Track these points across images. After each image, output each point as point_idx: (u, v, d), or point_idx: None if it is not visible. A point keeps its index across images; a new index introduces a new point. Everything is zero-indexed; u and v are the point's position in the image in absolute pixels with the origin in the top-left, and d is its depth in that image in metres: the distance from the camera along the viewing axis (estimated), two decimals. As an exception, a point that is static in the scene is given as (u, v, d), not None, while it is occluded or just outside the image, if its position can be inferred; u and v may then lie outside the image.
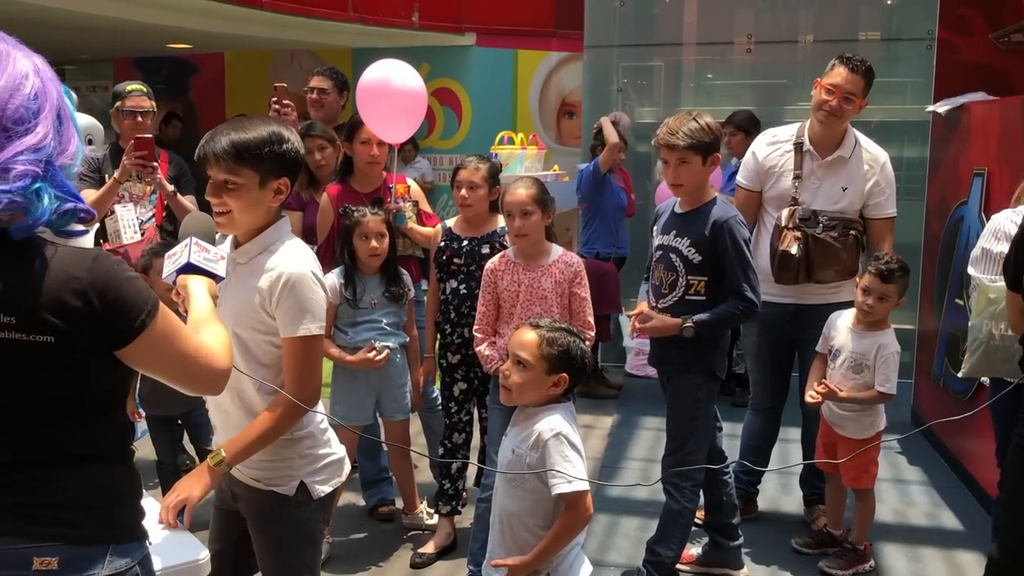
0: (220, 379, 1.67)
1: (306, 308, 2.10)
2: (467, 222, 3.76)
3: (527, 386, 2.41)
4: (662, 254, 3.27)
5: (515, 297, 3.41)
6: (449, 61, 10.10)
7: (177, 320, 1.58)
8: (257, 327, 2.14)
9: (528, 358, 2.40)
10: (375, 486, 4.14)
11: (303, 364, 2.13)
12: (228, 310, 2.15)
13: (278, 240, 2.16)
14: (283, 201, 2.18)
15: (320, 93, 4.72)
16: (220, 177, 2.08)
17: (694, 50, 7.00)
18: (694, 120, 3.14)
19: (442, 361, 3.81)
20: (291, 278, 2.08)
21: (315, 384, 2.17)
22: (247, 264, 2.16)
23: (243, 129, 2.08)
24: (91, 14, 7.69)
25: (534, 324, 2.47)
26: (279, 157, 2.09)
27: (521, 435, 2.43)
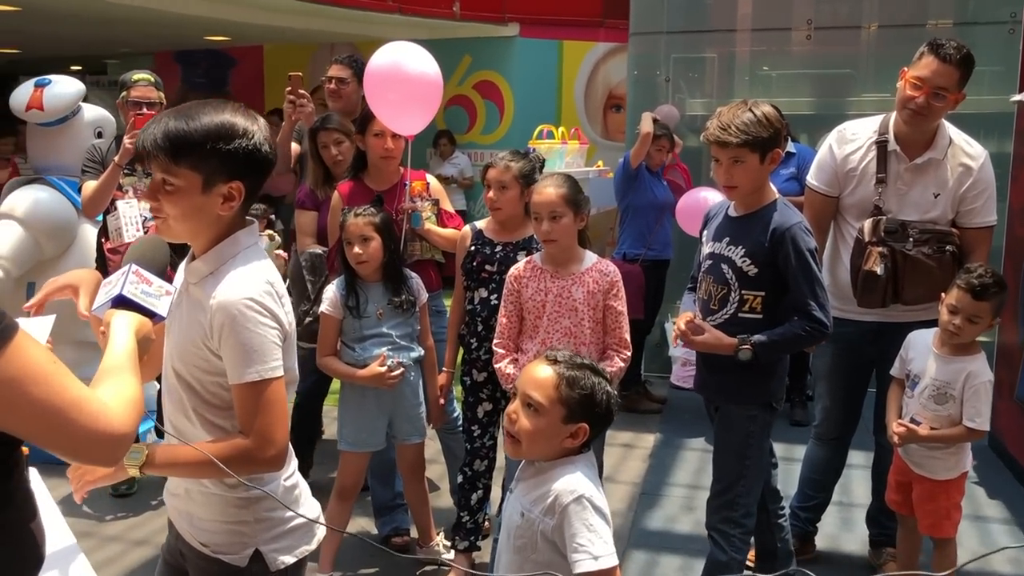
0: (107, 446, 1.29)
1: (251, 346, 1.68)
2: (500, 225, 3.38)
3: (538, 436, 1.95)
4: (712, 264, 2.84)
5: (541, 308, 3.04)
6: (491, 53, 9.75)
7: (46, 362, 1.23)
8: (201, 365, 1.75)
9: (542, 400, 1.94)
10: (388, 513, 3.76)
11: (258, 414, 1.70)
12: (174, 342, 1.79)
13: (231, 257, 1.75)
14: (238, 209, 1.75)
15: (338, 83, 4.36)
16: (158, 176, 1.68)
17: (748, 37, 6.50)
18: (750, 111, 2.69)
19: (465, 379, 3.43)
20: (231, 312, 1.68)
21: (277, 438, 1.72)
22: (197, 286, 1.76)
23: (186, 117, 1.67)
24: (127, 5, 7.54)
25: (551, 358, 2.00)
26: (229, 155, 1.68)
27: (532, 495, 1.98)
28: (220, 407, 1.77)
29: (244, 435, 1.71)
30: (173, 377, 1.80)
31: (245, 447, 1.70)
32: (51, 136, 4.65)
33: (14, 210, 4.44)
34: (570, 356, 2.01)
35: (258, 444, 1.70)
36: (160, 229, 1.75)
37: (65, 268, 4.55)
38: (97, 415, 1.27)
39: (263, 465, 1.72)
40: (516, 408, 1.97)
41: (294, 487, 1.88)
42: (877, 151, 3.20)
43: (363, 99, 4.49)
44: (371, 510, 3.83)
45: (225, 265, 1.74)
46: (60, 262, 4.56)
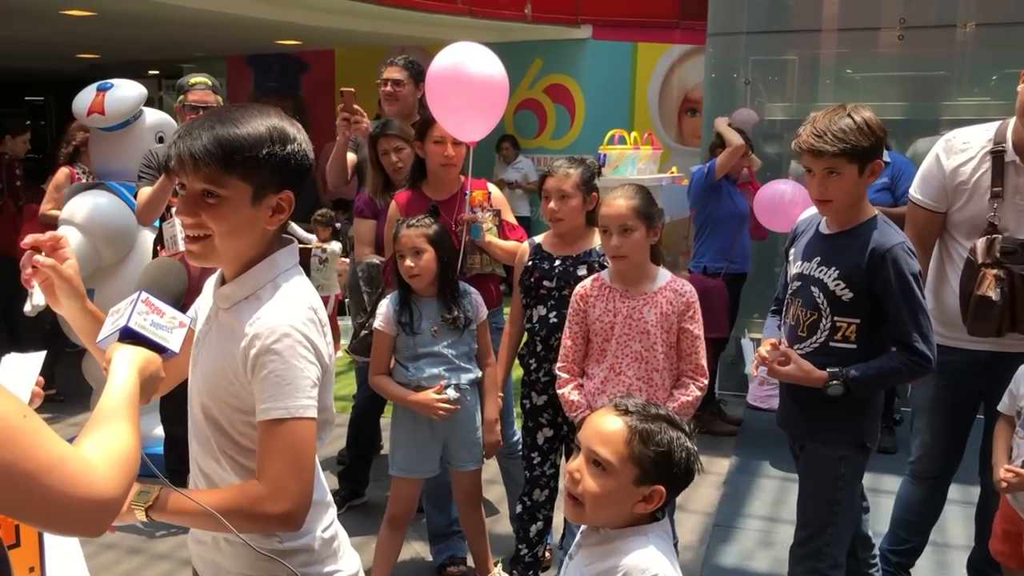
0: (89, 513, 1.10)
1: (283, 379, 1.49)
2: (559, 238, 3.16)
3: (606, 499, 1.65)
4: (801, 286, 2.56)
5: (609, 330, 2.82)
6: (563, 56, 9.54)
7: (10, 415, 1.04)
8: (231, 402, 1.56)
9: (610, 458, 1.64)
10: (444, 541, 3.57)
11: (278, 459, 1.48)
12: (201, 374, 1.61)
13: (271, 281, 1.56)
14: (284, 223, 1.58)
15: (394, 85, 4.19)
16: (197, 187, 1.49)
17: (834, 38, 6.15)
18: (849, 116, 2.41)
19: (524, 402, 3.22)
20: (269, 339, 1.49)
21: (298, 492, 1.50)
22: (230, 312, 1.58)
23: (233, 122, 1.48)
24: (199, 9, 7.59)
25: (620, 407, 1.70)
26: (282, 162, 1.51)
27: (595, 567, 1.69)
28: (252, 449, 1.57)
29: (259, 480, 1.51)
30: (200, 415, 1.62)
31: (255, 495, 1.49)
32: (112, 141, 4.60)
33: (74, 216, 4.39)
34: (643, 405, 1.73)
35: (271, 493, 1.48)
36: (196, 252, 1.54)
37: (124, 274, 4.49)
38: (76, 477, 1.08)
39: (273, 522, 1.50)
40: (580, 466, 1.68)
41: (332, 539, 1.68)
42: (992, 162, 2.86)
43: (420, 103, 4.35)
44: (426, 535, 3.64)
45: (262, 289, 1.55)
46: (119, 269, 4.50)
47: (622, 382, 2.81)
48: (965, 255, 2.89)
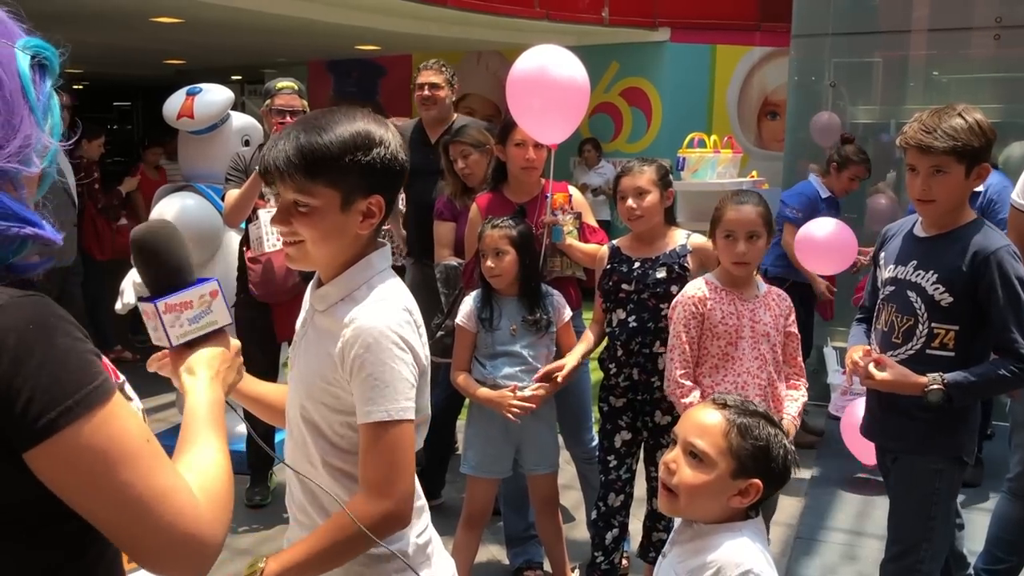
0: (194, 555, 1.04)
1: (383, 381, 1.49)
2: (638, 240, 3.14)
3: (702, 491, 1.65)
4: (895, 291, 2.48)
5: (735, 333, 2.79)
6: (640, 59, 9.47)
7: (137, 437, 1.02)
8: (329, 403, 1.57)
9: (708, 450, 1.65)
10: (521, 544, 3.56)
11: (383, 461, 1.50)
12: (299, 376, 1.62)
13: (365, 282, 1.57)
14: (377, 226, 1.58)
15: (431, 88, 4.20)
16: (288, 197, 1.51)
17: (923, 38, 5.95)
18: (960, 116, 2.34)
19: (602, 405, 3.19)
20: (366, 340, 1.49)
21: (401, 492, 1.51)
22: (326, 313, 1.58)
23: (317, 130, 1.49)
24: (280, 15, 7.75)
25: (719, 402, 1.72)
26: (368, 167, 1.51)
27: (689, 563, 1.68)
28: (350, 451, 1.58)
29: (361, 487, 1.52)
30: (298, 417, 1.62)
31: (362, 510, 1.49)
32: (201, 144, 4.71)
33: (162, 216, 4.50)
34: (741, 401, 1.73)
35: (374, 496, 1.50)
36: (293, 256, 1.57)
37: (211, 274, 4.59)
38: (186, 513, 1.04)
39: (381, 525, 1.50)
40: (676, 457, 1.69)
41: (426, 544, 1.67)
42: None
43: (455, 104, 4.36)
44: (503, 538, 3.63)
45: (358, 290, 1.56)
46: (206, 270, 4.60)
47: (757, 384, 2.77)
48: None
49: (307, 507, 1.64)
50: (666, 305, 3.03)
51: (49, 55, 1.04)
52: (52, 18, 7.28)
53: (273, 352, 4.21)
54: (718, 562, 1.62)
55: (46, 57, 1.04)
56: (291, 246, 1.56)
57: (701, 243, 3.14)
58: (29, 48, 1.02)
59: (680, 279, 3.05)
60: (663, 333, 3.02)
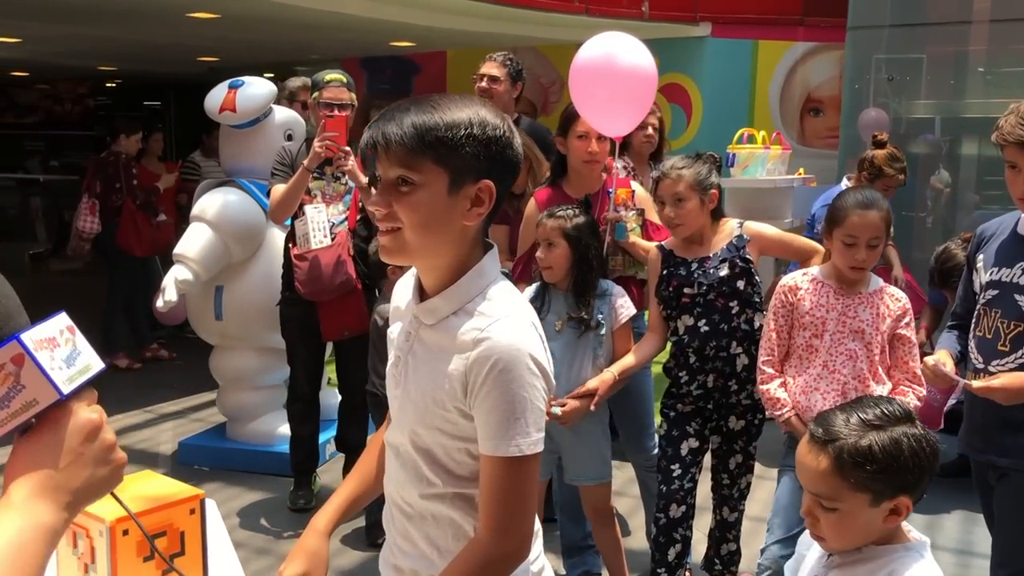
0: None
1: (517, 411, 1.35)
2: (688, 240, 2.97)
3: (848, 532, 1.53)
4: (998, 295, 2.33)
5: (820, 325, 2.67)
6: (680, 54, 9.28)
7: None
8: (446, 429, 1.43)
9: (832, 495, 1.51)
10: (579, 554, 3.42)
11: (507, 498, 1.38)
12: (408, 398, 1.47)
13: (479, 293, 1.42)
14: (483, 220, 1.44)
15: (490, 81, 4.05)
16: (391, 174, 1.37)
17: (985, 30, 5.75)
18: None
19: (668, 412, 3.03)
20: (498, 363, 1.35)
21: (525, 528, 1.42)
22: (435, 328, 1.44)
23: (431, 106, 1.37)
24: (316, 9, 7.66)
25: (818, 440, 1.54)
26: (482, 148, 1.37)
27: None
28: (469, 479, 1.44)
29: (484, 523, 1.40)
30: (408, 444, 1.48)
31: (484, 555, 1.38)
32: (243, 138, 4.61)
33: (204, 213, 4.41)
34: (846, 419, 1.54)
35: (498, 534, 1.38)
36: (388, 248, 1.42)
37: (253, 272, 4.50)
38: None
39: (511, 562, 1.41)
40: (810, 508, 1.56)
41: (540, 571, 1.54)
42: None
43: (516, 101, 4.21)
44: (559, 547, 3.49)
45: (473, 302, 1.41)
46: (248, 266, 4.50)
47: (837, 380, 2.66)
48: None
49: (411, 534, 1.51)
50: (735, 303, 2.89)
51: None
52: (86, 13, 7.25)
53: (318, 350, 4.11)
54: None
55: None
56: (387, 234, 1.40)
57: (756, 229, 2.99)
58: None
59: (745, 272, 2.90)
60: (738, 332, 2.88)
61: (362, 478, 1.67)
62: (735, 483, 3.04)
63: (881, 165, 4.45)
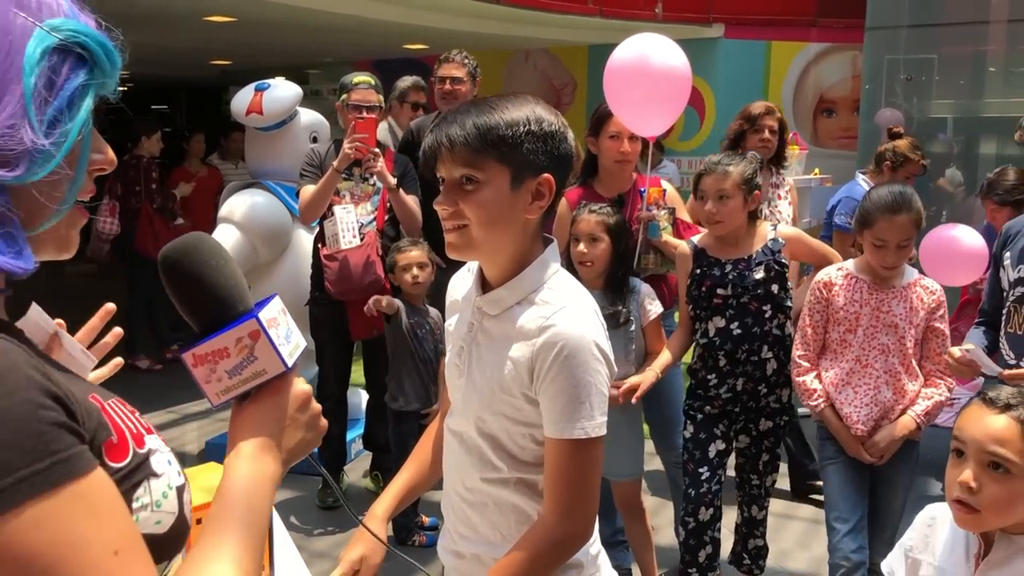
0: None
1: (582, 395, 1.41)
2: (723, 240, 2.97)
3: (1016, 502, 1.54)
4: None
5: (854, 320, 2.71)
6: (693, 55, 9.10)
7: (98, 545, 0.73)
8: (511, 415, 1.48)
9: (1014, 457, 1.53)
10: (610, 550, 3.39)
11: (573, 480, 1.43)
12: (474, 387, 1.52)
13: (541, 284, 1.48)
14: (545, 213, 1.49)
15: (453, 83, 4.09)
16: (456, 174, 1.43)
17: (1003, 30, 5.78)
18: None
19: (695, 414, 3.05)
20: (564, 350, 1.40)
21: (590, 510, 1.47)
22: (499, 319, 1.49)
23: (490, 108, 1.44)
24: (332, 12, 7.71)
25: (996, 404, 1.58)
26: (540, 143, 1.43)
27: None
28: (534, 464, 1.50)
29: (549, 506, 1.44)
30: (473, 430, 1.53)
31: (551, 536, 1.43)
32: (269, 140, 4.66)
33: (232, 214, 4.46)
34: (1018, 393, 1.59)
35: (564, 516, 1.43)
36: (455, 244, 1.47)
37: (280, 273, 4.54)
38: None
39: (575, 543, 1.45)
40: (975, 474, 1.56)
41: (598, 554, 1.60)
42: None
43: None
44: (588, 544, 3.53)
45: (536, 292, 1.47)
46: (275, 267, 4.55)
47: (869, 375, 2.69)
48: None
49: (472, 520, 1.55)
50: (769, 307, 2.90)
51: (90, 45, 0.83)
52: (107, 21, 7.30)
53: (347, 349, 4.14)
54: None
55: (84, 47, 0.82)
56: (454, 232, 1.46)
57: (790, 233, 3.02)
58: (61, 31, 0.80)
59: (779, 276, 2.92)
60: (769, 337, 2.90)
61: (418, 467, 1.72)
62: (763, 482, 3.07)
63: (906, 152, 4.55)
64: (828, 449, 2.81)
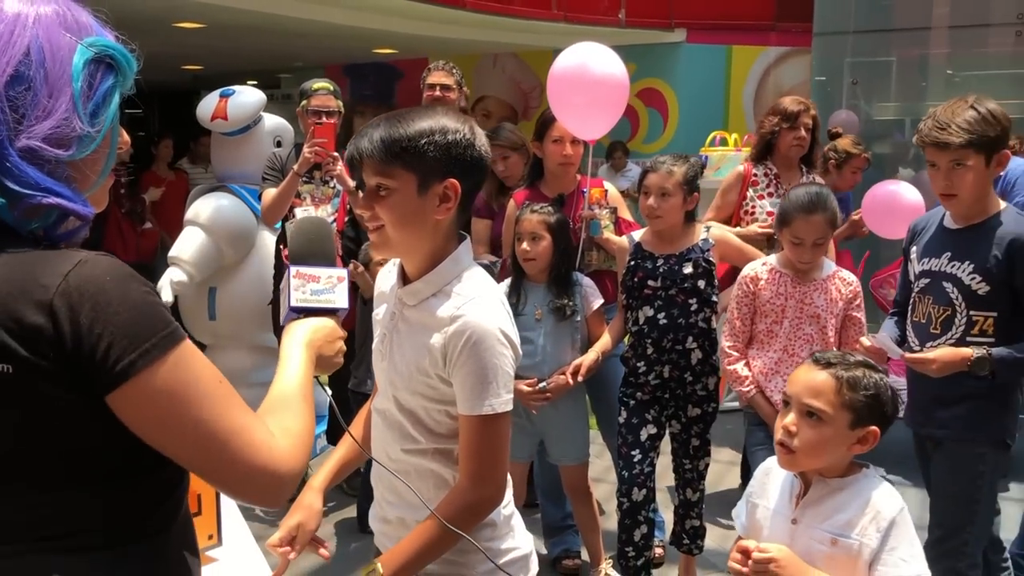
0: (269, 484, 1.13)
1: (489, 376, 1.59)
2: (660, 236, 3.15)
3: (823, 446, 1.78)
4: (929, 283, 2.55)
5: (780, 313, 2.91)
6: (656, 60, 9.52)
7: (210, 379, 1.10)
8: (428, 394, 1.66)
9: (824, 407, 1.78)
10: (559, 534, 3.62)
11: (485, 451, 1.62)
12: (395, 368, 1.70)
13: (455, 277, 1.65)
14: (453, 214, 1.65)
15: (443, 90, 4.27)
16: (371, 182, 1.61)
17: (944, 35, 6.01)
18: (972, 108, 2.40)
19: (627, 400, 3.22)
20: (472, 336, 1.58)
21: (499, 477, 1.66)
22: (417, 308, 1.67)
23: (398, 119, 1.60)
24: (301, 18, 7.82)
25: (821, 361, 1.84)
26: (443, 151, 1.59)
27: (836, 520, 1.78)
28: (448, 436, 1.68)
29: (463, 474, 1.63)
30: (394, 407, 1.71)
31: (465, 500, 1.62)
32: (234, 145, 4.79)
33: (198, 216, 4.57)
34: (841, 355, 1.86)
35: (476, 482, 1.62)
36: (376, 243, 1.66)
37: (245, 274, 4.66)
38: (260, 447, 1.12)
39: (481, 507, 1.64)
40: (793, 420, 1.81)
41: (511, 516, 1.77)
42: None
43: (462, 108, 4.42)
44: (541, 529, 3.69)
45: (449, 284, 1.64)
46: (241, 268, 4.67)
47: (795, 363, 2.80)
48: None
49: (397, 487, 1.72)
50: (695, 300, 3.08)
51: (116, 56, 1.12)
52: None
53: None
54: (874, 506, 1.75)
55: (112, 57, 1.11)
56: (374, 232, 1.64)
57: (722, 236, 3.20)
58: (96, 46, 1.09)
59: (707, 274, 3.09)
60: (694, 329, 3.08)
61: (351, 444, 1.88)
62: (695, 465, 3.23)
63: (848, 148, 4.82)
64: (757, 435, 2.99)
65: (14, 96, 1.02)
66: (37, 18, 1.06)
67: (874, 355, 2.61)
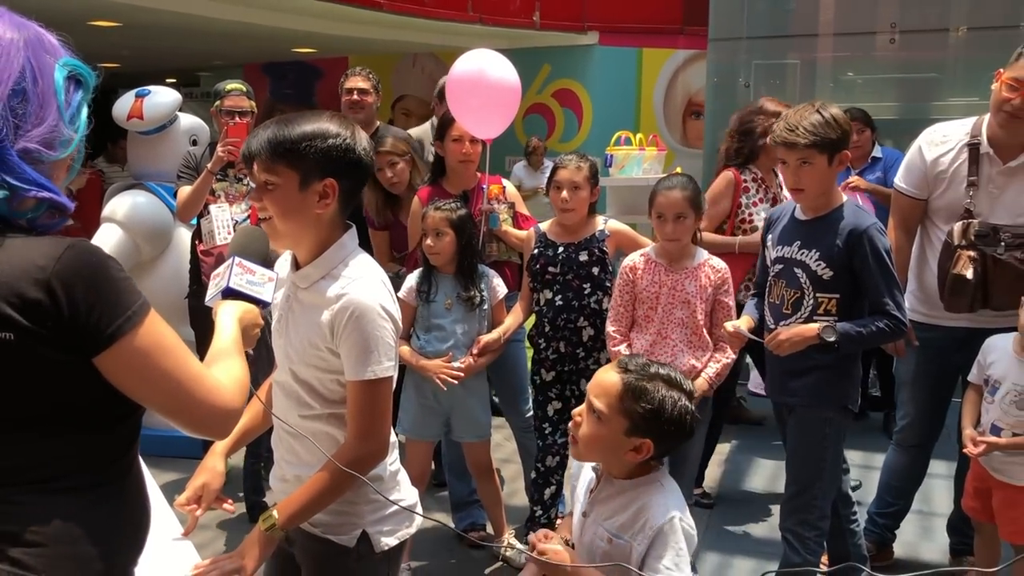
0: (221, 419, 1.40)
1: (371, 346, 1.80)
2: (563, 227, 3.45)
3: (596, 443, 1.86)
4: (782, 268, 2.85)
5: (655, 299, 3.18)
6: (570, 61, 9.83)
7: (173, 338, 1.35)
8: (320, 365, 1.87)
9: (603, 408, 1.83)
10: (465, 509, 3.85)
11: (369, 411, 1.83)
12: (290, 344, 1.91)
13: (341, 261, 1.87)
14: (334, 208, 1.85)
15: (360, 94, 4.47)
16: (260, 177, 1.81)
17: (831, 42, 6.42)
18: (818, 112, 2.71)
19: (535, 378, 3.52)
20: (355, 312, 1.79)
21: (383, 434, 1.87)
22: (309, 290, 1.88)
23: (286, 123, 1.81)
24: (217, 19, 7.87)
25: (622, 365, 1.87)
26: (323, 154, 1.79)
27: (617, 519, 1.86)
28: (339, 401, 1.89)
29: (350, 433, 1.85)
30: (291, 379, 1.91)
31: (353, 454, 1.82)
32: (150, 144, 4.89)
33: (115, 214, 4.68)
34: (644, 364, 1.87)
35: (364, 435, 1.83)
36: (268, 232, 1.86)
37: (163, 269, 4.78)
38: (212, 390, 1.37)
39: (367, 459, 1.85)
40: (582, 411, 1.90)
41: (397, 471, 1.99)
42: (969, 153, 3.12)
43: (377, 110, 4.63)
44: (449, 506, 3.92)
45: (336, 268, 1.85)
46: (158, 264, 4.78)
47: (668, 345, 3.14)
48: (943, 238, 3.15)
49: (296, 449, 1.94)
50: (588, 285, 3.38)
51: (84, 74, 1.35)
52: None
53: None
54: (645, 513, 1.81)
55: (81, 74, 1.34)
56: (264, 222, 1.85)
57: (617, 228, 3.49)
58: (68, 65, 1.32)
59: (600, 261, 3.40)
60: (586, 310, 3.37)
61: (253, 415, 2.08)
62: None
63: None
64: None
65: (14, 107, 1.24)
66: (26, 42, 1.28)
67: (735, 338, 2.92)
